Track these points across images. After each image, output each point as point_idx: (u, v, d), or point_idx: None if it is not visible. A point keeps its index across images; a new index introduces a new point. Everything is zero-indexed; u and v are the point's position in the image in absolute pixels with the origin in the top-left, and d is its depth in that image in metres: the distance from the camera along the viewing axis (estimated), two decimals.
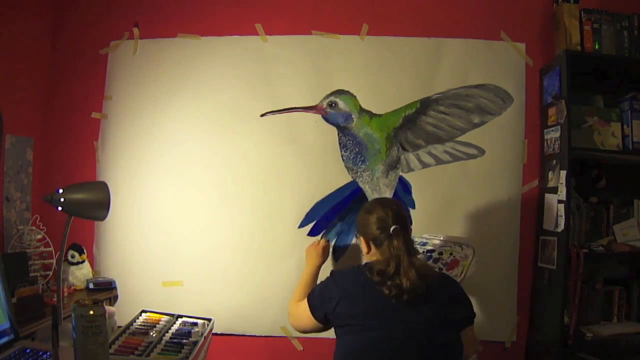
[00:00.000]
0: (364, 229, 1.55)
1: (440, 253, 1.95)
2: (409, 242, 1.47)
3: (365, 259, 1.57)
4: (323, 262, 1.86)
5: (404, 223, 1.51)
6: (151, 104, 2.24)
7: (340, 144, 2.19)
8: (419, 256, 1.60)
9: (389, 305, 1.37)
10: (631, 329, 1.97)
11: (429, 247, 1.98)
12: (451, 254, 1.97)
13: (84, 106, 2.30)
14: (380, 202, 1.62)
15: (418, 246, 1.96)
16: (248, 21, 2.24)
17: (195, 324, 1.73)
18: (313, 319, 1.51)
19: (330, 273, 1.57)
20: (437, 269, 1.82)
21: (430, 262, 1.92)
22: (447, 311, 1.41)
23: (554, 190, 1.98)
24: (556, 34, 2.11)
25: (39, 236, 2.07)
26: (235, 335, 2.17)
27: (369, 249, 1.54)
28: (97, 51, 2.31)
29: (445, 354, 1.39)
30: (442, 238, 2.01)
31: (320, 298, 1.50)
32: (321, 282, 1.58)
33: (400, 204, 1.57)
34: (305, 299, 1.55)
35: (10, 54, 2.08)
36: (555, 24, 2.12)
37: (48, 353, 1.32)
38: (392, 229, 1.45)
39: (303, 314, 1.54)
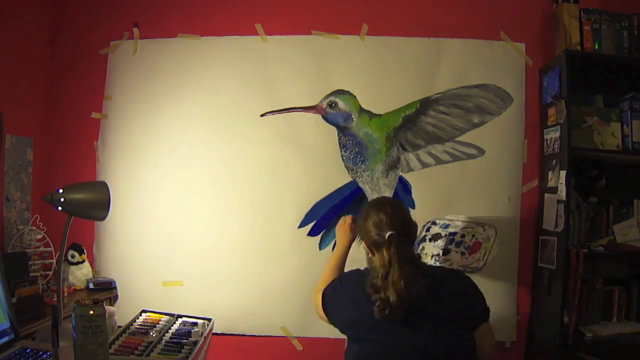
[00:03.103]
0: (363, 233, 1.50)
1: (463, 235, 1.94)
2: (403, 249, 1.37)
3: (456, 224, 1.59)
4: (352, 239, 1.74)
5: (402, 225, 1.43)
6: (151, 104, 2.24)
7: (340, 144, 2.19)
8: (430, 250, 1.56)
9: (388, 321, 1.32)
10: (631, 329, 1.97)
11: (452, 230, 1.97)
12: (473, 235, 1.96)
13: (84, 106, 2.30)
14: (376, 205, 1.52)
15: (440, 229, 1.95)
16: (248, 21, 2.24)
17: (195, 324, 1.73)
18: (325, 315, 1.51)
19: (341, 275, 1.56)
20: (459, 253, 1.78)
21: (452, 245, 1.89)
22: (455, 312, 1.36)
23: (554, 190, 1.98)
24: (556, 34, 2.11)
25: (39, 236, 2.07)
26: (235, 335, 2.17)
27: (372, 252, 1.47)
28: (97, 51, 2.31)
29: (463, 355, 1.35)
30: (464, 219, 2.01)
31: (330, 301, 1.49)
32: (333, 282, 1.53)
33: (397, 205, 1.50)
34: (322, 293, 1.52)
35: (10, 54, 2.08)
36: (555, 24, 2.12)
37: (48, 353, 1.32)
38: (387, 235, 1.38)
39: (318, 306, 1.53)
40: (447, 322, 1.35)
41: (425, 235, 2.05)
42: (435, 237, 2.00)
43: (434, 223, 2.08)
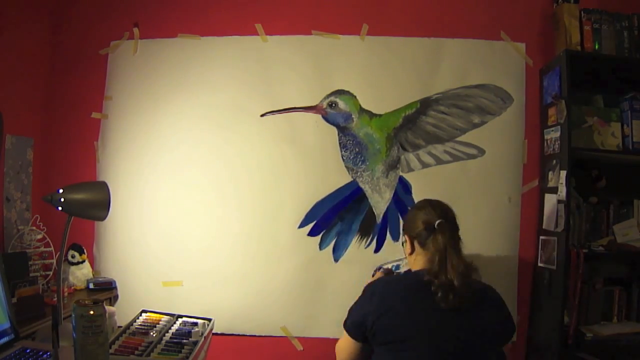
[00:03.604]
0: (409, 225, 1.47)
1: None
2: (456, 239, 1.38)
3: (406, 262, 1.51)
4: None
5: (452, 220, 1.42)
6: (151, 104, 2.24)
7: (340, 144, 2.19)
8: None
9: (434, 318, 1.26)
10: (631, 329, 1.97)
11: (405, 269, 1.82)
12: None
13: (84, 106, 2.30)
14: (431, 201, 1.51)
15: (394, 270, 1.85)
16: (248, 21, 2.24)
17: (195, 324, 1.73)
18: (354, 342, 1.37)
19: (365, 289, 1.42)
20: None
21: None
22: (498, 322, 1.33)
23: (554, 190, 1.98)
24: (556, 34, 2.12)
25: (39, 236, 2.07)
26: (235, 335, 2.17)
27: (413, 249, 1.44)
28: (97, 51, 2.31)
29: None
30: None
31: (356, 318, 1.36)
32: (356, 302, 1.41)
33: (449, 207, 1.48)
34: (343, 328, 1.40)
35: (11, 54, 2.08)
36: (555, 24, 2.12)
37: (48, 353, 1.32)
38: (437, 223, 1.37)
39: (344, 342, 1.40)
40: (488, 329, 1.31)
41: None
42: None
43: (380, 268, 1.90)
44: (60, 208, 1.55)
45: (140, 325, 1.68)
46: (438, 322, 1.27)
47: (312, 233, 2.18)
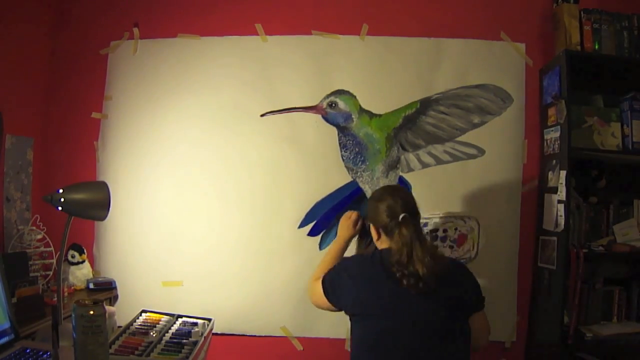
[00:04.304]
0: (374, 217, 1.58)
1: (445, 230, 1.95)
2: (419, 229, 1.50)
3: (377, 246, 1.61)
4: (354, 235, 1.84)
5: (413, 210, 1.54)
6: (151, 104, 2.24)
7: (340, 144, 2.19)
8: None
9: (402, 295, 1.39)
10: (631, 329, 1.97)
11: (431, 227, 1.99)
12: (456, 228, 1.98)
13: (84, 106, 2.30)
14: (390, 190, 1.63)
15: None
16: (248, 21, 2.24)
17: (195, 324, 1.73)
18: (327, 301, 1.55)
19: (342, 260, 1.62)
20: (447, 247, 1.80)
21: (437, 241, 1.90)
22: (459, 297, 1.45)
23: (554, 190, 1.98)
24: (556, 34, 2.12)
25: (39, 236, 2.07)
26: (235, 335, 2.17)
27: (379, 236, 1.57)
28: (97, 51, 2.31)
29: (456, 341, 1.41)
30: (441, 215, 2.02)
31: (331, 285, 1.54)
32: (335, 266, 1.60)
33: (408, 192, 1.60)
34: (321, 280, 1.58)
35: (11, 54, 2.08)
36: (555, 24, 2.12)
37: (48, 353, 1.32)
38: (400, 217, 1.48)
39: (318, 294, 1.57)
40: (451, 303, 1.43)
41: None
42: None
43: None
44: (60, 208, 1.55)
45: (140, 325, 1.68)
46: (406, 298, 1.39)
47: (312, 233, 2.18)
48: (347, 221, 1.84)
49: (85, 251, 2.14)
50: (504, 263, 2.14)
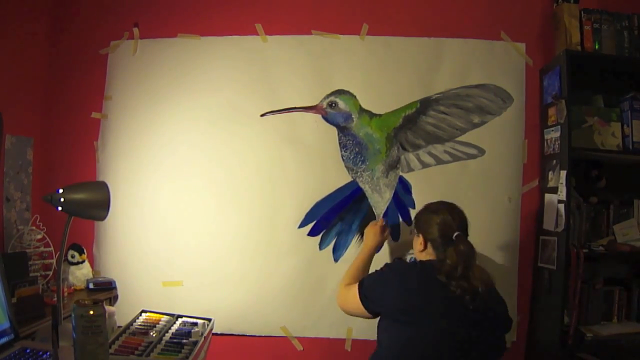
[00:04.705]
0: (425, 227, 1.58)
1: None
2: (472, 248, 1.51)
3: (417, 256, 1.62)
4: (381, 242, 1.85)
5: (467, 230, 1.56)
6: (151, 104, 2.24)
7: (340, 144, 2.19)
8: None
9: (444, 302, 1.41)
10: (631, 329, 1.97)
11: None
12: None
13: (84, 106, 2.30)
14: (447, 205, 1.63)
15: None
16: (248, 21, 2.24)
17: (195, 324, 1.73)
18: (362, 307, 1.53)
19: (386, 265, 1.58)
20: None
21: None
22: (501, 316, 1.51)
23: (554, 190, 1.98)
24: (556, 33, 2.12)
25: (39, 236, 2.07)
26: (235, 335, 2.17)
27: (425, 247, 1.58)
28: (97, 51, 2.31)
29: (487, 354, 1.47)
30: None
31: (371, 289, 1.52)
32: (377, 272, 1.58)
33: (463, 212, 1.60)
34: (356, 285, 1.56)
35: (11, 54, 2.08)
36: (556, 23, 2.12)
37: (48, 353, 1.32)
38: (455, 235, 1.50)
39: (352, 299, 1.55)
40: (497, 321, 1.49)
41: None
42: None
43: (399, 259, 2.04)
44: (60, 208, 1.55)
45: (140, 325, 1.68)
46: (456, 308, 1.40)
47: (312, 233, 2.18)
48: (373, 228, 1.87)
49: (85, 251, 2.14)
50: (504, 263, 2.14)
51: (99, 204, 1.62)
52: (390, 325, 1.47)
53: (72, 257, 2.10)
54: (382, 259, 2.09)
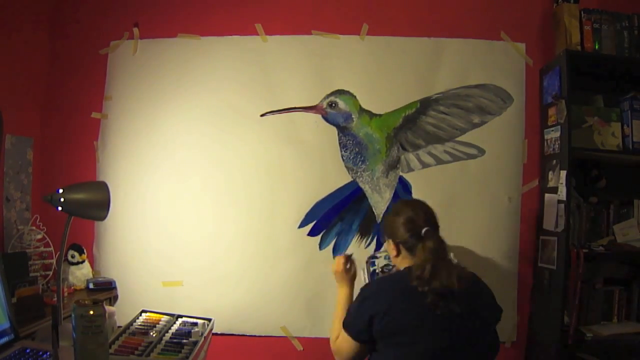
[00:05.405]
0: (391, 232, 1.47)
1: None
2: (442, 243, 1.39)
3: (394, 262, 1.51)
4: (351, 279, 1.64)
5: (435, 223, 1.44)
6: (151, 104, 2.24)
7: (340, 144, 2.19)
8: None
9: (432, 314, 1.28)
10: (631, 329, 1.97)
11: (385, 263, 1.86)
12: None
13: (84, 106, 2.30)
14: (408, 203, 1.55)
15: (387, 260, 1.86)
16: (248, 21, 2.24)
17: (195, 324, 1.73)
18: (356, 343, 1.38)
19: (360, 292, 1.42)
20: None
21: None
22: (489, 310, 1.40)
23: (554, 190, 1.98)
24: (556, 33, 2.12)
25: (39, 236, 2.07)
26: (235, 335, 2.17)
27: (398, 253, 1.45)
28: (97, 51, 2.31)
29: (486, 354, 1.39)
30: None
31: (356, 318, 1.38)
32: (353, 303, 1.44)
33: (427, 204, 1.49)
34: (342, 330, 1.41)
35: (11, 54, 2.08)
36: (555, 23, 2.12)
37: (48, 353, 1.32)
38: (423, 231, 1.38)
39: (344, 344, 1.40)
40: (482, 316, 1.37)
41: (374, 270, 1.90)
42: (388, 269, 1.87)
43: (374, 257, 1.93)
44: (60, 208, 1.55)
45: (140, 325, 1.68)
46: (436, 317, 1.28)
47: (312, 233, 2.18)
48: (338, 270, 1.64)
49: (85, 251, 2.14)
50: (504, 263, 2.14)
51: (99, 204, 1.62)
52: (379, 345, 1.35)
53: (72, 257, 2.10)
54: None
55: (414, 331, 1.30)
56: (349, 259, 1.66)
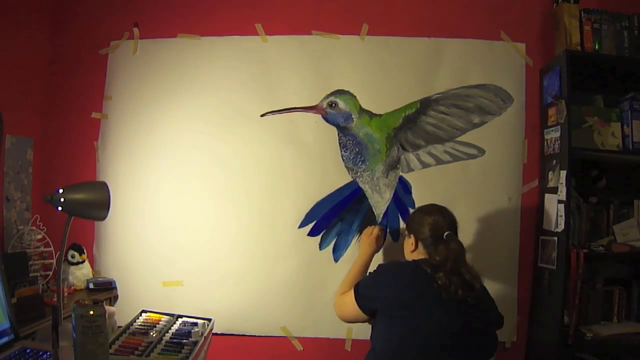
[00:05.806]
0: (417, 228, 1.64)
1: None
2: (463, 248, 1.57)
3: (407, 257, 1.67)
4: (377, 250, 1.91)
5: (456, 231, 1.62)
6: (151, 104, 2.24)
7: (340, 144, 2.19)
8: None
9: (444, 302, 1.45)
10: (631, 329, 1.97)
11: None
12: None
13: (84, 106, 2.30)
14: (439, 207, 1.68)
15: None
16: (248, 21, 2.24)
17: (195, 324, 1.73)
18: (358, 309, 1.57)
19: (380, 265, 1.65)
20: None
21: None
22: (493, 312, 1.58)
23: (554, 190, 1.98)
24: (556, 33, 2.11)
25: (39, 236, 2.07)
26: (235, 335, 2.17)
27: (416, 247, 1.63)
28: (97, 51, 2.31)
29: (486, 350, 1.54)
30: None
31: (369, 287, 1.58)
32: (370, 273, 1.64)
33: (454, 215, 1.66)
34: (352, 290, 1.61)
35: (11, 54, 2.08)
36: (555, 23, 2.12)
37: (48, 353, 1.32)
38: (445, 234, 1.56)
39: (349, 304, 1.60)
40: (488, 317, 1.54)
41: None
42: None
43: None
44: (60, 208, 1.55)
45: (140, 325, 1.68)
46: (444, 301, 1.45)
47: (312, 233, 2.18)
48: (369, 237, 1.91)
49: (85, 251, 2.14)
50: (504, 263, 2.14)
51: (99, 204, 1.62)
52: (386, 322, 1.51)
53: (72, 257, 2.10)
54: (380, 258, 2.10)
55: (415, 307, 1.45)
56: (384, 231, 1.87)
